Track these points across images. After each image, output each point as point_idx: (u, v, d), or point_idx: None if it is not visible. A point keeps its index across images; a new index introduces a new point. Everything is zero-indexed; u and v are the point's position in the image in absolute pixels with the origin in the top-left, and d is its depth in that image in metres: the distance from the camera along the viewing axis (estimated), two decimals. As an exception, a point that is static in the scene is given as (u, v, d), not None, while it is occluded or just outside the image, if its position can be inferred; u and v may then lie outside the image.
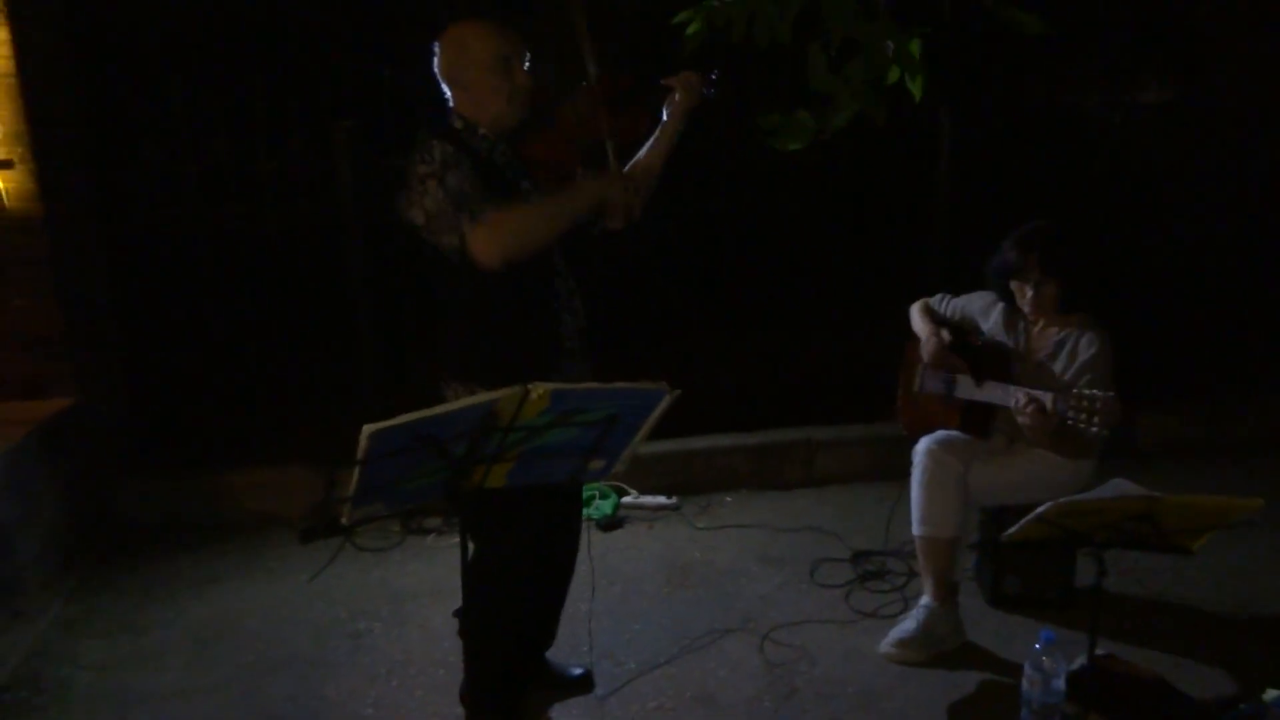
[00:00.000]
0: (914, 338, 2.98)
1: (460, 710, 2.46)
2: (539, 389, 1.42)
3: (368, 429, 1.29)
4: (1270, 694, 2.02)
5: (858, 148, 4.56)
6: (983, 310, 2.92)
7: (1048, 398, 2.44)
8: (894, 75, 2.08)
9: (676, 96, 2.36)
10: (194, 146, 3.89)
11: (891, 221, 4.60)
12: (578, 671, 2.65)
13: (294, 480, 3.80)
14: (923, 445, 2.73)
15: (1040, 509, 1.98)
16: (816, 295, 4.72)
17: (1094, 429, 2.32)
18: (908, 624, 2.70)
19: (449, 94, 2.17)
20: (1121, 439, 4.10)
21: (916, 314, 2.99)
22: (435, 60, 2.16)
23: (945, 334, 2.83)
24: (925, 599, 2.72)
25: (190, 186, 3.94)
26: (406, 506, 1.59)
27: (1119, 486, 2.00)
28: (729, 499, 3.91)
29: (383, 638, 2.96)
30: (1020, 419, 2.50)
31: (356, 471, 1.35)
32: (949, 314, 3.00)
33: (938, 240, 4.21)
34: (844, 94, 2.03)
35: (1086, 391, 2.35)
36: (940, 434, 2.75)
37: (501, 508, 2.23)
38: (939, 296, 3.06)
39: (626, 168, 2.35)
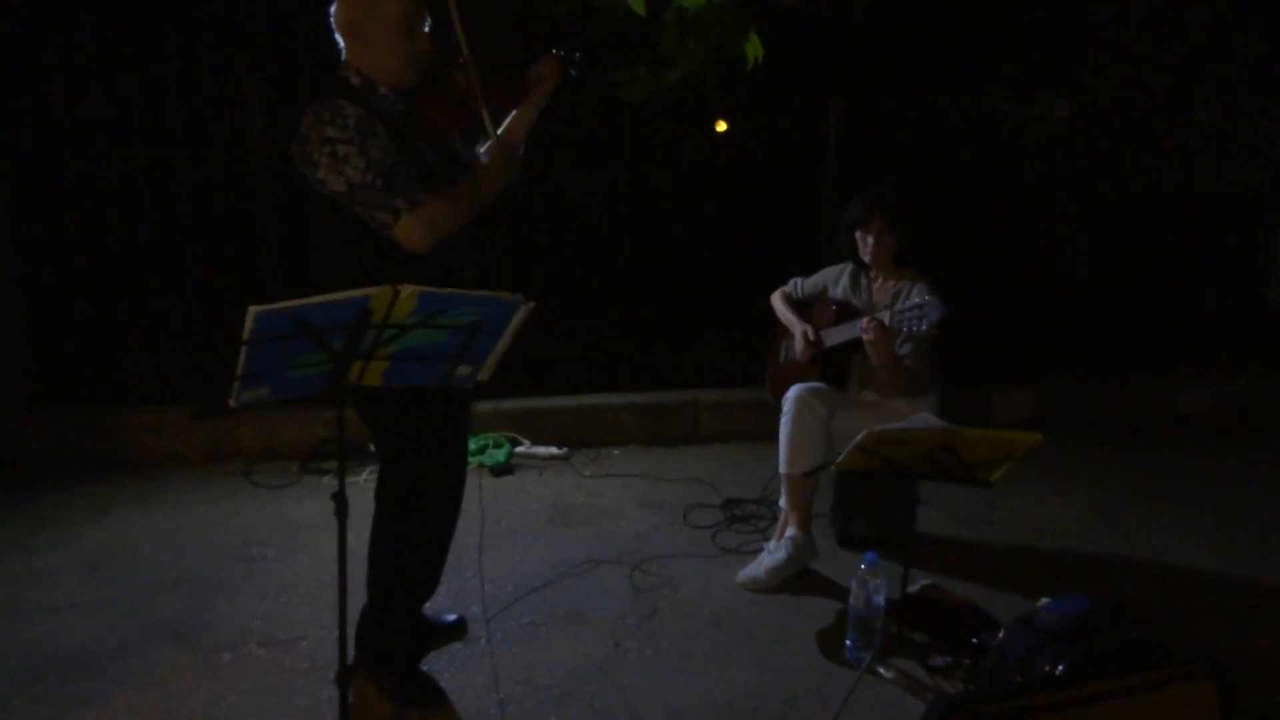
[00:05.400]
0: (778, 323, 3.38)
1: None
2: (408, 289, 1.62)
3: (253, 309, 1.48)
4: (1043, 600, 2.36)
5: (754, 138, 4.91)
6: (834, 278, 3.30)
7: (885, 314, 2.81)
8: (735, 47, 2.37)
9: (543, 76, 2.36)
10: (102, 86, 3.92)
11: (783, 205, 4.94)
12: (451, 618, 2.73)
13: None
14: (793, 393, 3.04)
15: (858, 437, 2.27)
16: (711, 272, 5.04)
17: (923, 327, 2.64)
18: (778, 554, 2.99)
19: (343, 45, 2.13)
20: (977, 415, 4.53)
21: (779, 304, 3.38)
22: (333, 8, 2.11)
23: (809, 331, 3.18)
24: (791, 531, 3.02)
25: (96, 125, 3.98)
26: (291, 395, 1.75)
27: (925, 420, 2.31)
28: (617, 452, 4.16)
29: (275, 562, 3.12)
30: (865, 338, 2.84)
31: (243, 351, 1.53)
32: (805, 294, 3.38)
33: (824, 224, 4.55)
34: (684, 57, 2.31)
35: (910, 301, 2.73)
36: (808, 384, 3.07)
37: (418, 444, 2.24)
38: (793, 282, 3.42)
39: (500, 131, 2.36)
